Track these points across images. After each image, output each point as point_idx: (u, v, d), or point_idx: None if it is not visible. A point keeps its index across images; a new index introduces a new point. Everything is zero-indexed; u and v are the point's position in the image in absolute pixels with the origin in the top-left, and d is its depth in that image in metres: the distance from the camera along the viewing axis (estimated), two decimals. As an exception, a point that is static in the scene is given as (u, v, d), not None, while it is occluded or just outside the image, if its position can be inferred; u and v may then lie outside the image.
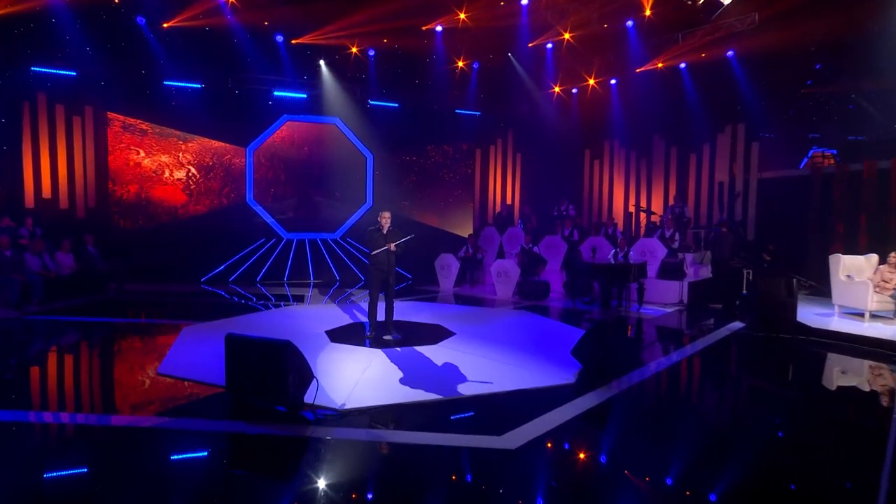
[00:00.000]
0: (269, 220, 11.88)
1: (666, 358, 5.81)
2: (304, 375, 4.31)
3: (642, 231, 11.84)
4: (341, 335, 6.36)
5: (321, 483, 3.12)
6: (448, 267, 10.82)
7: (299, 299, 9.16)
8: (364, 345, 5.83)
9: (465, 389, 4.61)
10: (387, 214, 5.81)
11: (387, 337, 6.01)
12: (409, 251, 5.87)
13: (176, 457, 3.52)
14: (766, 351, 6.20)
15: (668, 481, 3.22)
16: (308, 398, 4.19)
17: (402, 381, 4.81)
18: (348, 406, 4.27)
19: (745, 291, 8.57)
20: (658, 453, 3.59)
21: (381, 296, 6.12)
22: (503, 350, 5.86)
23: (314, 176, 12.26)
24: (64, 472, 3.26)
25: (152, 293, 9.50)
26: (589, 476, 3.31)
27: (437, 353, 5.61)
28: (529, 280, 9.85)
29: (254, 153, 12.13)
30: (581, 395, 4.58)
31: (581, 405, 4.36)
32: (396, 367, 5.14)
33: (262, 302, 8.80)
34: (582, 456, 3.56)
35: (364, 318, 7.23)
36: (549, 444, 3.66)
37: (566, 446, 3.67)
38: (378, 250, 5.66)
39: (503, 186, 15.00)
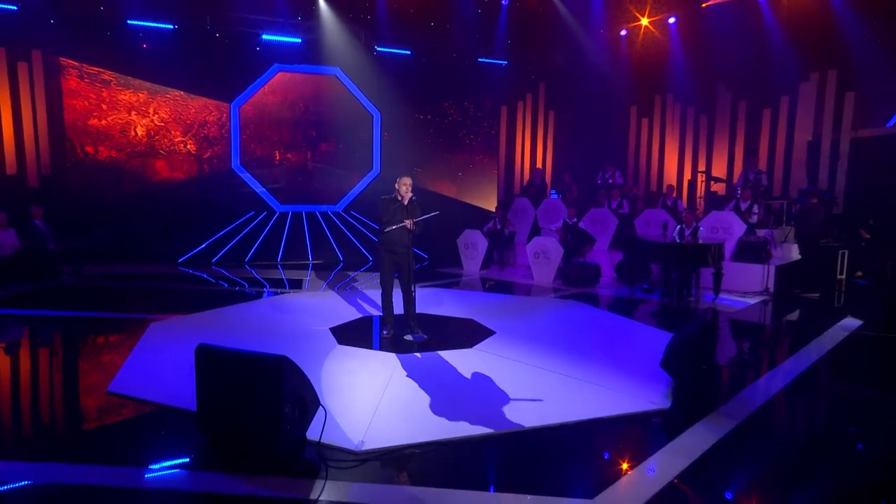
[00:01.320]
0: (258, 189, 11.39)
1: (780, 370, 5.09)
2: (307, 403, 3.55)
3: (700, 203, 11.08)
4: (350, 334, 5.83)
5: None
6: (474, 246, 10.34)
7: (296, 285, 8.70)
8: (379, 348, 5.30)
9: (521, 417, 3.92)
10: (408, 181, 5.27)
11: (408, 337, 5.50)
12: (425, 228, 5.35)
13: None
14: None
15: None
16: (312, 433, 3.51)
17: (435, 404, 4.12)
18: (368, 445, 3.59)
19: (840, 276, 7.95)
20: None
21: (395, 282, 5.56)
22: (560, 356, 5.26)
23: (311, 137, 11.74)
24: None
25: (116, 278, 8.91)
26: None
27: (474, 361, 5.02)
28: (575, 262, 9.24)
29: (240, 110, 11.43)
30: (686, 427, 3.83)
31: (693, 446, 3.58)
32: (426, 383, 4.51)
33: (251, 288, 8.30)
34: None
35: (376, 310, 6.76)
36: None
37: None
38: (393, 227, 5.15)
39: (533, 150, 14.52)
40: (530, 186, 12.69)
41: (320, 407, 3.62)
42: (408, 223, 5.18)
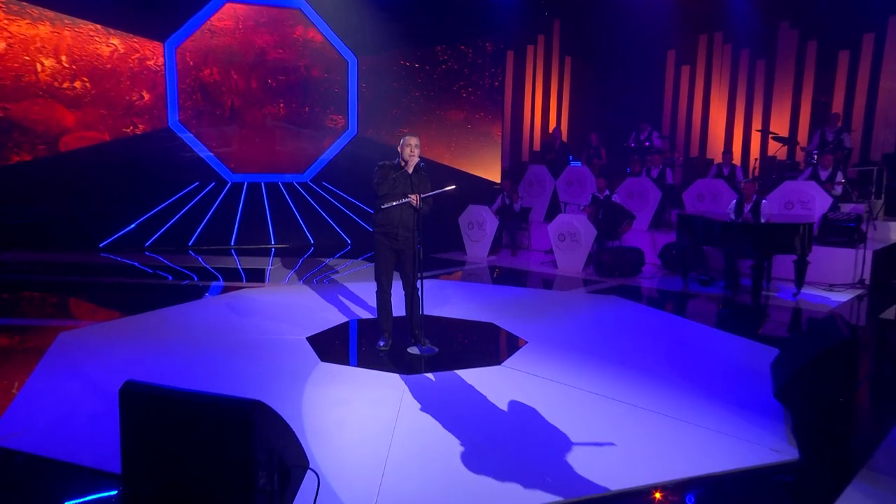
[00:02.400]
0: (203, 154, 11.04)
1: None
2: (290, 467, 2.95)
3: (754, 168, 10.85)
4: (334, 346, 5.50)
5: None
6: (481, 226, 10.18)
7: (255, 277, 8.45)
8: (376, 366, 4.90)
9: (595, 473, 3.40)
10: (414, 142, 4.92)
11: (413, 350, 5.20)
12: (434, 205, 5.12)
13: None
14: None
15: None
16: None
17: (468, 454, 3.60)
18: (381, 528, 3.02)
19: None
20: None
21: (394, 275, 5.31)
22: (620, 375, 4.86)
23: (271, 89, 11.38)
24: None
25: (16, 269, 8.54)
26: None
27: (507, 384, 4.63)
28: (610, 247, 9.06)
29: (177, 52, 10.77)
30: (835, 493, 3.29)
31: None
32: (448, 418, 4.03)
33: (196, 282, 8.02)
34: None
35: (366, 312, 6.47)
36: None
37: None
38: (393, 203, 4.82)
39: (545, 106, 14.40)
40: (547, 151, 12.46)
41: (310, 471, 3.08)
42: (413, 199, 4.87)
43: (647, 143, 11.53)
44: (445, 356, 5.17)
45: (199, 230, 10.95)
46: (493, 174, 12.87)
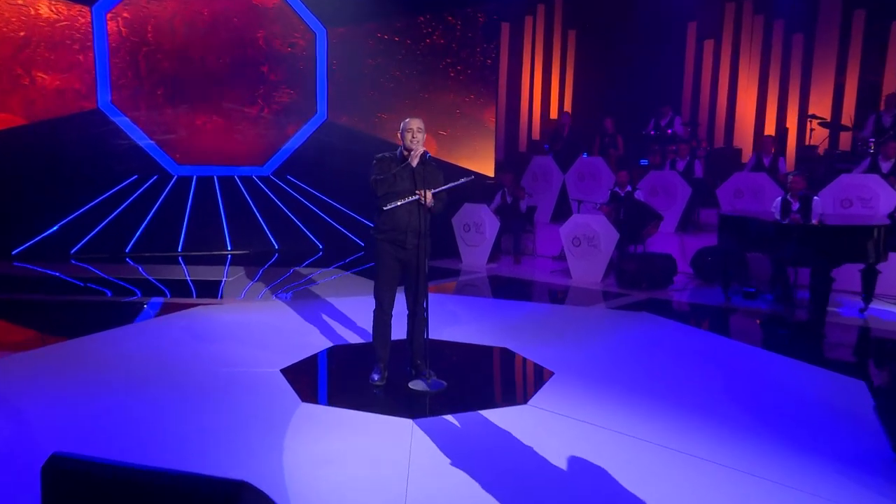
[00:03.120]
0: (142, 142, 10.89)
1: None
2: None
3: (789, 158, 11.04)
4: (315, 380, 5.43)
5: None
6: (479, 228, 10.21)
7: (208, 290, 8.39)
8: (374, 407, 4.70)
9: None
10: (416, 126, 4.85)
11: (417, 385, 5.02)
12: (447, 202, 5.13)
13: None
14: None
15: None
16: None
17: None
18: None
19: None
20: None
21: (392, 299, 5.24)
22: (677, 417, 4.61)
23: (223, 65, 11.28)
24: None
25: None
26: None
27: (539, 429, 4.41)
28: (635, 253, 9.04)
29: (108, 18, 10.49)
30: None
31: None
32: (471, 482, 3.70)
33: (138, 298, 7.90)
34: None
35: (347, 333, 6.42)
36: None
37: None
38: (397, 202, 4.78)
39: (546, 87, 14.48)
40: (554, 140, 12.46)
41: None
42: (423, 196, 4.76)
43: (669, 131, 11.59)
44: (456, 392, 4.96)
45: (137, 234, 10.88)
46: (486, 167, 12.87)
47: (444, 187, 4.85)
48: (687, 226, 10.24)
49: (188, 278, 9.12)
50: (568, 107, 14.48)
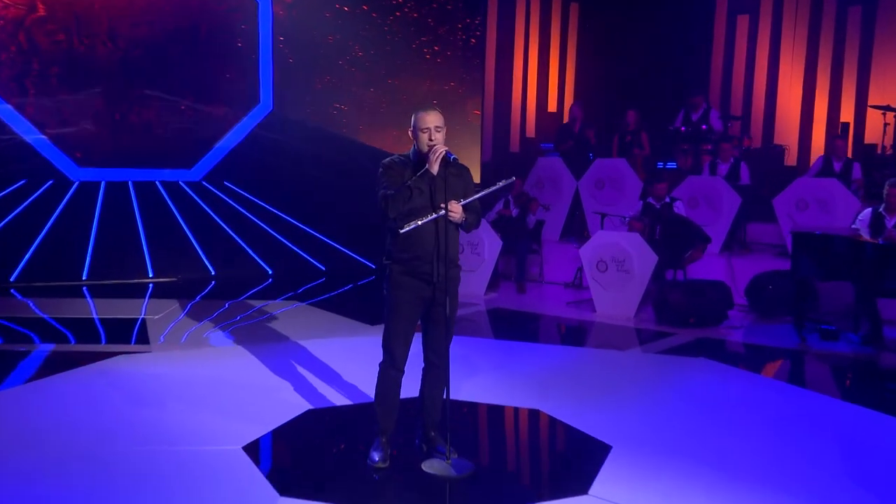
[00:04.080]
0: (31, 137, 10.71)
1: None
2: None
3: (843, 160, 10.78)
4: (292, 462, 5.30)
5: None
6: (476, 248, 10.14)
7: (125, 333, 8.30)
8: (377, 501, 4.64)
9: None
10: (433, 121, 4.75)
11: (433, 467, 4.88)
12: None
13: None
14: None
15: None
16: None
17: None
18: None
19: None
20: None
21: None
22: None
23: (139, 42, 11.17)
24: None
25: None
26: None
27: None
28: (678, 282, 9.07)
29: None
30: None
31: None
32: None
33: (35, 345, 7.82)
34: None
35: (325, 389, 6.41)
36: None
37: None
38: (416, 222, 4.71)
39: (542, 71, 14.55)
40: (562, 137, 12.44)
41: None
42: (452, 209, 4.63)
43: (703, 127, 11.48)
44: (488, 477, 4.81)
45: (27, 257, 10.67)
46: (471, 171, 12.93)
47: (477, 195, 4.72)
48: (732, 245, 10.30)
49: (97, 316, 9.02)
50: (569, 96, 14.62)
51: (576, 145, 12.07)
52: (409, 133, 4.76)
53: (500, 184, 4.85)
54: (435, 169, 4.55)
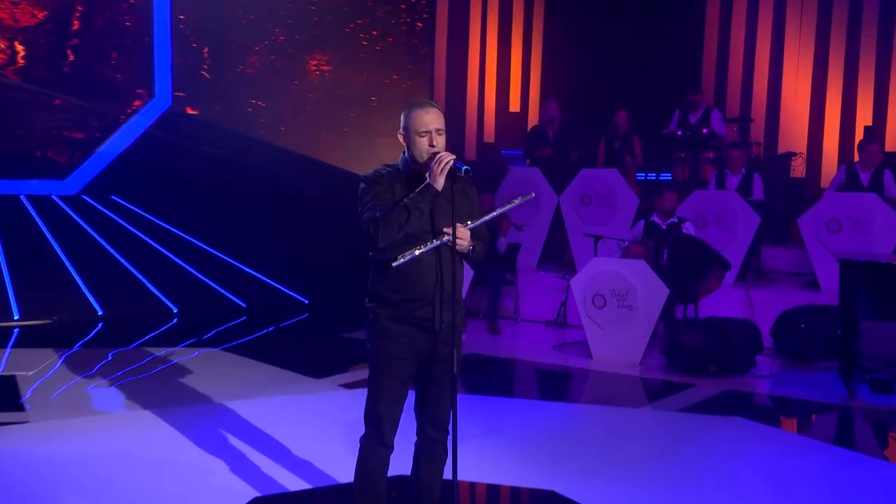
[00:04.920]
0: None
1: None
2: None
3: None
4: None
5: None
6: None
7: None
8: None
9: None
10: (435, 121, 4.53)
11: None
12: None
13: None
14: None
15: None
16: None
17: None
18: None
19: None
20: None
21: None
22: None
23: None
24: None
25: None
26: None
27: None
28: (693, 320, 9.11)
29: None
30: None
31: None
32: None
33: None
34: None
35: (281, 471, 6.16)
36: None
37: None
38: (413, 252, 4.48)
39: (503, 61, 14.85)
40: (537, 142, 12.50)
41: None
42: (461, 235, 4.43)
43: (704, 131, 11.55)
44: None
45: None
46: None
47: (487, 216, 4.48)
48: (746, 272, 10.29)
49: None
50: (535, 93, 14.75)
51: (555, 152, 12.08)
52: (399, 137, 4.48)
53: (517, 201, 4.57)
54: (440, 183, 4.27)
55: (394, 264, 4.29)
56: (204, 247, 11.55)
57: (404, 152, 4.50)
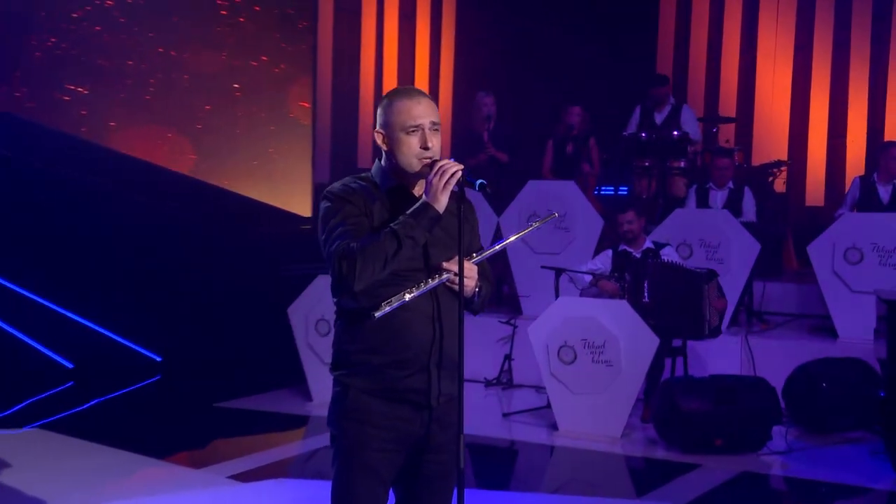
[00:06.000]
0: None
1: None
2: None
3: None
4: None
5: None
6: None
7: None
8: None
9: None
10: (428, 113, 4.32)
11: None
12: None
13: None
14: None
15: None
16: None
17: None
18: None
19: None
20: None
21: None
22: None
23: None
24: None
25: None
26: None
27: None
28: (688, 379, 9.02)
29: None
30: None
31: None
32: None
33: None
34: None
35: None
36: None
37: None
38: (402, 298, 4.20)
39: (408, 46, 15.60)
40: (468, 145, 12.73)
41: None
42: (467, 273, 4.27)
43: (674, 133, 11.54)
44: None
45: None
46: (298, 198, 13.80)
47: (498, 244, 4.38)
48: (739, 315, 10.33)
49: None
50: (447, 82, 15.24)
51: (490, 159, 12.00)
52: (377, 137, 4.20)
53: (536, 224, 4.36)
54: (442, 203, 3.95)
55: (376, 314, 3.91)
56: (9, 285, 11.20)
57: (380, 160, 4.19)
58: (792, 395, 8.81)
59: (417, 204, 4.02)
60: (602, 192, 12.26)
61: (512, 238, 4.49)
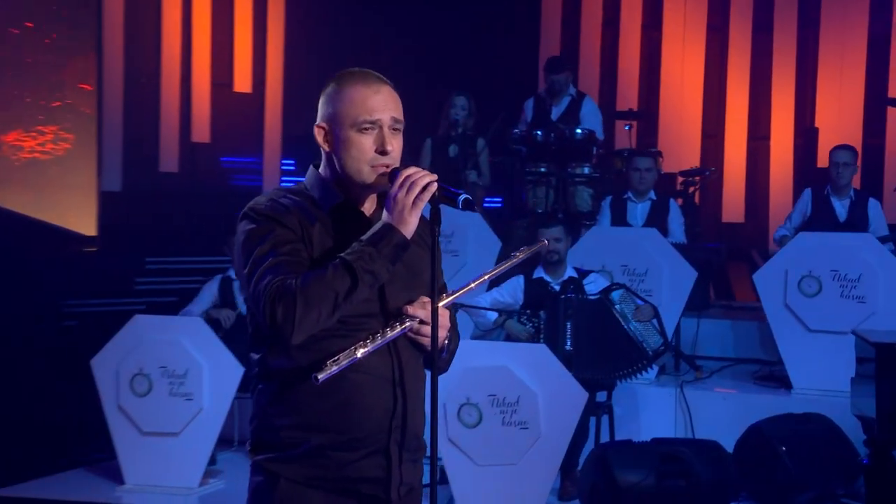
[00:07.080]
0: None
1: None
2: None
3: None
4: None
5: None
6: (186, 383, 10.26)
7: None
8: None
9: None
10: (385, 101, 4.36)
11: None
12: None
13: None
14: None
15: None
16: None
17: None
18: None
19: None
20: None
21: None
22: None
23: None
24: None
25: None
26: None
27: None
28: (624, 447, 9.13)
29: None
30: None
31: None
32: None
33: None
34: None
35: None
36: None
37: None
38: (354, 354, 4.10)
39: (223, 15, 16.01)
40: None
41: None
42: (442, 321, 4.19)
43: (577, 131, 11.89)
44: None
45: None
46: (81, 214, 13.93)
47: (474, 281, 4.33)
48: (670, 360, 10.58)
49: None
50: (277, 62, 15.65)
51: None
52: (318, 134, 3.99)
53: (521, 254, 4.32)
54: (411, 225, 3.79)
55: (319, 377, 3.70)
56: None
57: (318, 165, 4.03)
58: (745, 462, 8.86)
59: (377, 226, 3.79)
60: (485, 205, 12.48)
61: (494, 271, 4.49)
